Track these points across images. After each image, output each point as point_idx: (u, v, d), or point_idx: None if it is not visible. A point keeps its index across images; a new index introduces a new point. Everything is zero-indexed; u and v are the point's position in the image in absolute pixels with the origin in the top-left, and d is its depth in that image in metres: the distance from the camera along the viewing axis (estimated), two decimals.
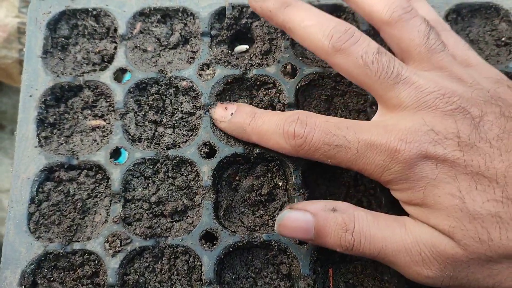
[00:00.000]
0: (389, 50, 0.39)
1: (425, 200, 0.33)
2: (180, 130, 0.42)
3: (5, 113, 0.82)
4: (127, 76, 0.44)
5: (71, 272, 0.38)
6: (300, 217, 0.35)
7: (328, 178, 0.42)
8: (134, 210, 0.39)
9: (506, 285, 0.32)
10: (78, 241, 0.38)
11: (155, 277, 0.38)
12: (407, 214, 0.35)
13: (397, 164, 0.33)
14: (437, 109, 0.33)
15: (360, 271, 0.39)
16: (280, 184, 0.41)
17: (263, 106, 0.42)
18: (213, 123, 0.41)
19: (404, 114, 0.34)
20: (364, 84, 0.36)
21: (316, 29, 0.37)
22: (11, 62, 0.72)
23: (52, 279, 0.38)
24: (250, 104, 0.43)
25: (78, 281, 0.38)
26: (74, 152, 0.41)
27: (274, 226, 0.40)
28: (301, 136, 0.35)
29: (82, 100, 0.43)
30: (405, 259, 0.33)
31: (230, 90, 0.43)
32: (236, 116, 0.40)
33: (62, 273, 0.38)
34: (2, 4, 0.70)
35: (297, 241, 0.38)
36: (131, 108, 0.42)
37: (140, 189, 0.40)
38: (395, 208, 0.39)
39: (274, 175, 0.41)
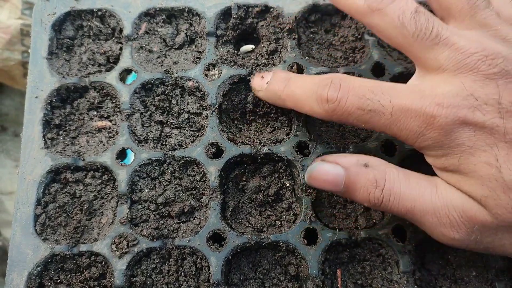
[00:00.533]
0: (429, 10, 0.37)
1: (460, 167, 0.32)
2: (187, 130, 0.42)
3: (7, 115, 0.82)
4: (131, 77, 0.43)
5: (78, 274, 0.38)
6: (331, 170, 0.35)
7: None
8: (141, 211, 0.39)
9: None
10: (85, 243, 0.38)
11: (162, 278, 0.38)
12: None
13: (433, 131, 0.31)
14: (478, 72, 0.31)
15: (368, 271, 0.39)
16: (288, 184, 0.41)
17: (271, 107, 0.42)
18: (219, 123, 0.41)
19: (443, 77, 0.33)
20: (401, 46, 0.35)
21: None
22: (14, 64, 0.72)
23: (59, 281, 0.38)
24: (257, 102, 0.43)
25: (85, 283, 0.38)
26: (80, 153, 0.41)
27: (281, 226, 0.39)
28: (334, 100, 0.34)
29: (88, 101, 0.43)
30: (433, 220, 0.33)
31: (237, 90, 0.43)
32: (271, 83, 0.39)
33: (69, 275, 0.38)
34: (4, 6, 0.70)
35: (305, 241, 0.38)
36: (137, 108, 0.42)
37: (146, 190, 0.40)
38: None
39: (281, 175, 0.41)
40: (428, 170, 0.35)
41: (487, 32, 0.34)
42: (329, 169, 0.35)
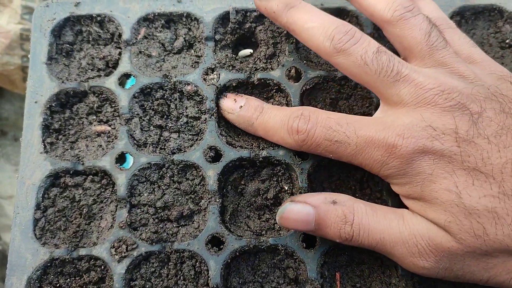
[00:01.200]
0: (393, 50, 0.40)
1: (422, 194, 0.33)
2: (185, 134, 0.42)
3: (7, 119, 0.82)
4: (130, 81, 0.44)
5: (77, 278, 0.38)
6: (301, 209, 0.36)
7: (334, 182, 0.42)
8: (140, 215, 0.39)
9: (501, 279, 0.33)
10: (84, 247, 0.38)
11: (161, 282, 0.38)
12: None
13: (395, 159, 0.33)
14: (436, 105, 0.34)
15: (367, 275, 0.39)
16: (286, 188, 0.41)
17: None
18: (218, 127, 0.41)
19: (404, 110, 0.35)
20: (365, 83, 0.37)
21: (319, 31, 0.37)
22: (14, 68, 0.72)
23: (58, 285, 0.38)
24: None
25: (84, 287, 0.38)
26: (80, 158, 0.41)
27: (280, 230, 0.40)
28: (303, 131, 0.36)
29: (87, 105, 0.43)
30: (402, 251, 0.34)
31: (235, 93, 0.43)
32: (244, 109, 0.41)
33: (68, 279, 0.38)
34: (4, 11, 0.70)
35: (304, 245, 0.38)
36: (136, 113, 0.42)
37: (145, 194, 0.40)
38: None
39: (280, 179, 0.41)
40: None
41: (444, 70, 0.36)
42: (299, 209, 0.36)
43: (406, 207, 0.36)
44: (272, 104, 0.43)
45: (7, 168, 0.80)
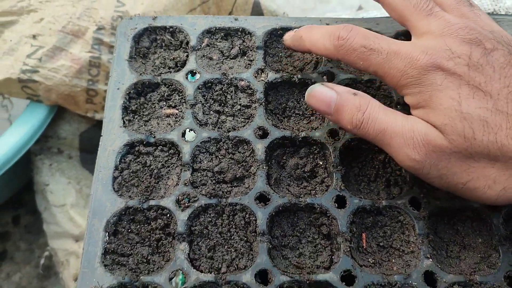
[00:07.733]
0: None
1: (429, 101, 0.41)
2: (239, 118, 0.51)
3: (64, 139, 0.92)
4: (195, 78, 0.53)
5: (145, 225, 0.46)
6: (327, 92, 0.43)
7: (361, 161, 0.49)
8: (200, 177, 0.47)
9: (477, 184, 0.40)
10: (154, 199, 0.46)
11: (216, 229, 0.45)
12: None
13: (414, 69, 0.41)
14: (458, 36, 0.41)
15: (389, 235, 0.46)
16: (321, 163, 0.49)
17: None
18: (265, 113, 0.50)
19: (431, 37, 0.43)
20: (402, 15, 0.45)
21: None
22: (80, 90, 0.84)
23: (130, 230, 0.45)
24: (296, 100, 0.52)
25: (151, 232, 0.45)
26: (152, 132, 0.50)
27: (315, 194, 0.47)
28: (344, 38, 0.43)
29: (159, 94, 0.53)
30: (399, 141, 0.40)
31: (279, 90, 0.53)
32: (297, 30, 0.50)
33: (139, 226, 0.46)
34: (78, 42, 0.83)
35: (336, 205, 0.45)
36: (199, 100, 0.51)
37: (205, 162, 0.48)
38: (417, 182, 0.46)
39: (315, 156, 0.49)
40: None
41: (468, 20, 0.44)
42: (326, 92, 0.44)
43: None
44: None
45: (61, 181, 0.89)
